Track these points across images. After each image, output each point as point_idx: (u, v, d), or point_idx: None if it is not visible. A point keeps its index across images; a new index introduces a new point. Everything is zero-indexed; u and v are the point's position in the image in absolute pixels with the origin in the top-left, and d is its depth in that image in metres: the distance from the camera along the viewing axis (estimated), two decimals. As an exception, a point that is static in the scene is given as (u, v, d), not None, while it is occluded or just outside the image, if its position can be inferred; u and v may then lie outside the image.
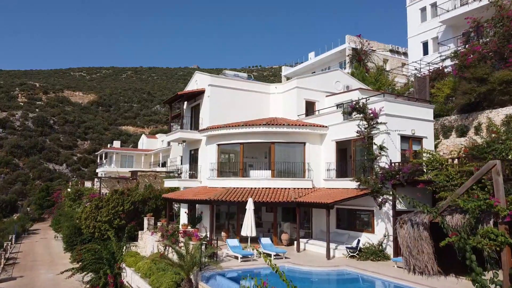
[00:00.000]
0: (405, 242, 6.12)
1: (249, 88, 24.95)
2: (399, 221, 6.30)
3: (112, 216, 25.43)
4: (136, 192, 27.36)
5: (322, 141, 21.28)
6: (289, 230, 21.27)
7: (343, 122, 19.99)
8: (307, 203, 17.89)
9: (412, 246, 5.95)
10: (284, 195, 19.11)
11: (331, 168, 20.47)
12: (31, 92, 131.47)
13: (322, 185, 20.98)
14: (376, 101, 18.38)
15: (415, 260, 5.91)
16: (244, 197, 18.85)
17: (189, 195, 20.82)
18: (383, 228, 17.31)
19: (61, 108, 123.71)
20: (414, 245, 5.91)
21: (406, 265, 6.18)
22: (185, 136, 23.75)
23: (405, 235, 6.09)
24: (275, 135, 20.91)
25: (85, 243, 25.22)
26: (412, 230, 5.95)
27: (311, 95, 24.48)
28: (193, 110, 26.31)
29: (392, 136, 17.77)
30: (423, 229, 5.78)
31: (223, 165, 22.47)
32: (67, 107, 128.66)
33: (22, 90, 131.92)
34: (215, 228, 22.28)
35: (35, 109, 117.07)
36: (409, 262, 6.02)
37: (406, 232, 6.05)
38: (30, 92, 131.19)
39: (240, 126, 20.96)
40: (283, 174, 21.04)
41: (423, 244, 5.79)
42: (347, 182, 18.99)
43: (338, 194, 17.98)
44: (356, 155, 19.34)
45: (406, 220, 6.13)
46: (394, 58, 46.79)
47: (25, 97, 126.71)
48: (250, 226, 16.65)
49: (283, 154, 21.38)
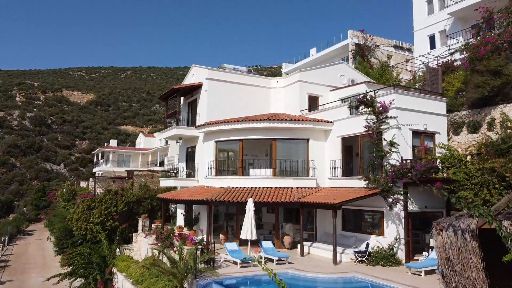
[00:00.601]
0: (444, 254, 4.84)
1: (249, 82, 23.66)
2: (436, 227, 4.99)
3: (104, 217, 24.14)
4: (130, 192, 26.07)
5: (326, 137, 19.99)
6: (291, 232, 19.99)
7: (350, 117, 18.70)
8: (312, 204, 16.60)
9: (455, 259, 4.67)
10: (286, 195, 17.83)
11: (336, 166, 19.17)
12: (29, 91, 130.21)
13: (326, 184, 19.69)
14: (385, 93, 17.09)
15: (459, 277, 4.64)
16: (244, 197, 17.57)
17: (185, 195, 19.54)
18: (394, 230, 16.01)
19: (59, 108, 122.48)
20: (457, 257, 4.64)
21: (445, 283, 4.87)
22: (181, 132, 22.46)
23: (444, 245, 4.80)
24: (276, 131, 19.62)
25: (77, 245, 23.99)
26: (455, 238, 4.69)
27: (314, 89, 23.19)
28: (190, 106, 25.03)
29: (403, 131, 16.47)
30: (471, 238, 4.52)
31: (221, 163, 21.18)
32: (65, 106, 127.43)
33: (20, 89, 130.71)
34: (212, 230, 20.99)
35: (33, 108, 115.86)
36: (450, 279, 4.74)
37: (446, 241, 4.77)
38: (28, 91, 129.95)
39: (239, 122, 19.68)
40: (285, 172, 19.75)
41: (471, 256, 4.52)
42: (354, 181, 17.70)
43: (345, 194, 16.69)
44: (364, 152, 18.05)
45: (446, 225, 4.83)
46: (398, 54, 45.44)
47: (23, 97, 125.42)
48: (250, 229, 15.36)
49: (285, 151, 20.09)
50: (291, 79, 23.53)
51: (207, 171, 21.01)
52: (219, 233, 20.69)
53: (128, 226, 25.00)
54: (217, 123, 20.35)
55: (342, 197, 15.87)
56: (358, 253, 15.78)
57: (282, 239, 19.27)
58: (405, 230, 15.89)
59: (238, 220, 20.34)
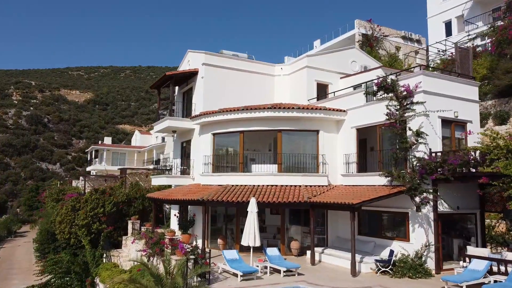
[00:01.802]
0: None
1: (250, 69, 21.26)
2: None
3: (90, 219, 21.74)
4: (119, 192, 23.67)
5: (339, 128, 17.59)
6: (299, 236, 17.59)
7: (366, 104, 16.29)
8: (325, 204, 14.18)
9: None
10: (294, 194, 15.43)
11: (350, 161, 16.76)
12: (27, 90, 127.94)
13: (339, 181, 17.29)
14: (410, 76, 14.70)
15: None
16: (245, 197, 15.18)
17: (178, 195, 17.14)
18: (422, 235, 13.60)
19: (56, 107, 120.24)
20: None
21: None
22: (174, 124, 20.03)
23: None
24: (282, 122, 17.22)
25: (59, 251, 21.61)
26: None
27: (323, 76, 20.79)
28: (185, 96, 22.63)
29: (431, 119, 14.07)
30: None
31: (219, 158, 18.76)
32: (63, 105, 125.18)
33: (17, 88, 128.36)
34: (209, 234, 18.59)
35: (29, 107, 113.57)
36: None
37: None
38: (26, 90, 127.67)
39: (239, 111, 17.27)
40: (292, 168, 17.34)
41: None
42: (373, 178, 15.29)
43: (364, 192, 14.28)
44: (383, 144, 15.64)
45: None
46: (407, 45, 42.93)
47: (20, 95, 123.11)
48: (253, 234, 12.96)
49: (292, 144, 17.67)
50: (297, 65, 21.14)
51: (203, 167, 18.62)
52: (217, 237, 18.31)
53: (117, 229, 22.63)
54: (214, 113, 17.95)
55: (362, 196, 13.45)
56: (380, 262, 13.37)
57: (288, 244, 16.89)
58: (435, 234, 13.51)
59: (238, 222, 17.95)
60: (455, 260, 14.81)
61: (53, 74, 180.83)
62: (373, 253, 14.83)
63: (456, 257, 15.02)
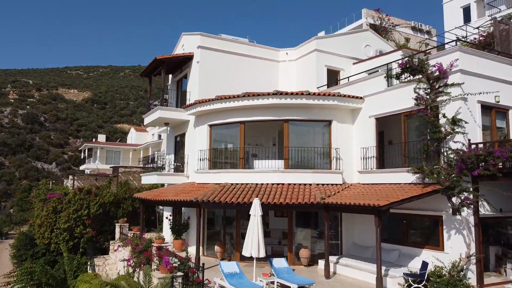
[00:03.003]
0: None
1: (252, 54, 18.97)
2: None
3: (73, 222, 19.44)
4: (107, 191, 21.33)
5: (354, 118, 15.28)
6: (308, 242, 15.26)
7: (388, 89, 13.98)
8: (342, 206, 11.84)
9: None
10: (304, 194, 13.11)
11: (369, 155, 14.44)
12: (24, 89, 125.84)
13: (355, 179, 14.98)
14: (443, 53, 12.37)
15: None
16: (246, 197, 12.88)
17: (169, 194, 14.82)
18: (460, 243, 11.28)
19: (53, 105, 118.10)
20: None
21: None
22: (166, 115, 17.72)
23: None
24: (289, 110, 14.90)
25: (38, 257, 19.28)
26: None
27: (334, 61, 18.50)
28: (179, 85, 20.33)
29: (469, 103, 11.76)
30: None
31: (217, 153, 16.44)
32: (60, 104, 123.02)
33: (14, 87, 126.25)
34: (206, 239, 16.30)
35: (25, 106, 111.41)
36: None
37: None
38: (23, 89, 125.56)
39: (240, 98, 14.96)
40: (300, 164, 15.02)
41: None
42: (397, 175, 12.98)
43: (389, 192, 11.96)
44: (409, 135, 13.33)
45: None
46: (416, 37, 40.65)
47: (17, 94, 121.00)
48: (257, 243, 10.63)
49: (300, 137, 15.33)
50: (305, 48, 18.81)
51: (198, 163, 16.32)
52: (214, 243, 16.01)
53: (103, 233, 20.32)
54: (211, 101, 15.64)
55: (388, 196, 11.12)
56: (410, 277, 11.02)
57: (297, 252, 14.58)
58: (476, 242, 11.18)
59: (238, 226, 15.64)
60: (491, 270, 12.58)
61: (52, 74, 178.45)
62: (398, 264, 12.52)
63: (492, 267, 12.79)
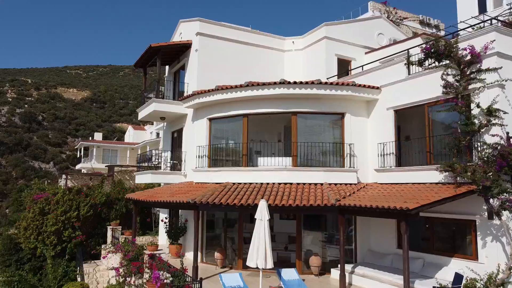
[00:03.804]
0: None
1: (255, 42, 17.48)
2: None
3: (61, 225, 17.93)
4: (98, 192, 19.82)
5: (369, 111, 13.77)
6: (318, 248, 13.74)
7: (409, 77, 12.46)
8: (361, 209, 10.30)
9: None
10: (316, 195, 11.59)
11: (387, 152, 12.92)
12: (22, 88, 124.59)
13: (370, 178, 13.46)
14: (476, 34, 10.86)
15: None
16: (251, 199, 11.37)
17: (164, 195, 13.30)
18: (498, 252, 9.77)
19: (52, 104, 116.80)
20: None
21: None
22: (162, 108, 16.20)
23: None
24: (297, 102, 13.39)
25: (24, 263, 17.77)
26: None
27: (345, 50, 17.00)
28: (176, 77, 18.83)
29: (508, 91, 10.25)
30: None
31: (217, 150, 14.93)
32: (59, 103, 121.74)
33: (12, 86, 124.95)
34: (204, 244, 14.79)
35: (23, 104, 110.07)
36: None
37: None
38: (21, 88, 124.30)
39: (243, 88, 13.46)
40: (309, 162, 13.51)
41: None
42: (421, 173, 11.46)
43: (415, 192, 10.44)
44: (434, 129, 11.82)
45: None
46: (425, 31, 39.21)
47: (15, 93, 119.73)
48: (264, 252, 9.12)
49: (310, 131, 13.81)
50: (313, 36, 17.31)
51: (197, 161, 14.81)
52: (214, 247, 14.51)
53: (94, 236, 18.83)
54: (210, 92, 14.13)
55: (418, 198, 9.59)
56: (442, 291, 9.51)
57: (306, 259, 13.06)
58: (517, 251, 9.66)
59: (241, 229, 14.12)
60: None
61: (51, 73, 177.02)
62: (423, 274, 11.00)
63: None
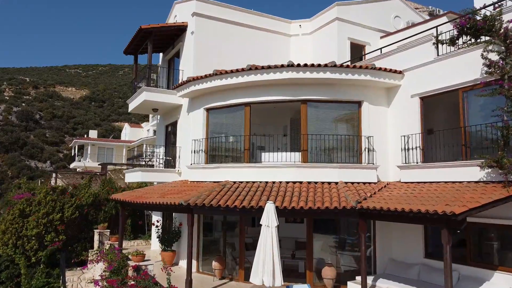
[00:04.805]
0: None
1: (258, 25, 15.71)
2: None
3: (43, 228, 16.19)
4: (85, 191, 18.06)
5: (390, 99, 12.01)
6: (330, 256, 11.98)
7: (439, 58, 10.68)
8: (390, 213, 8.50)
9: None
10: (331, 196, 9.82)
11: (411, 146, 11.15)
12: (20, 86, 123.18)
13: (391, 176, 11.71)
14: (524, 2, 9.12)
15: None
16: (254, 201, 9.61)
17: (153, 196, 11.53)
18: (557, 266, 8.01)
19: (50, 103, 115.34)
20: None
21: None
22: (154, 98, 14.42)
23: None
24: (307, 88, 11.63)
25: (1, 271, 16.01)
26: None
27: (358, 33, 15.24)
28: (171, 65, 17.08)
29: None
30: None
31: (215, 144, 13.16)
32: (57, 102, 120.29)
33: (10, 84, 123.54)
34: (201, 252, 13.02)
35: (21, 103, 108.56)
36: None
37: None
38: (19, 86, 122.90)
39: (245, 72, 11.70)
40: (321, 157, 11.75)
41: None
42: (455, 170, 9.69)
43: (453, 193, 8.66)
44: (468, 118, 10.05)
45: None
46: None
47: (13, 92, 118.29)
48: (272, 266, 7.35)
49: (321, 122, 12.04)
50: (323, 18, 15.54)
51: (192, 157, 13.04)
52: (211, 255, 12.75)
53: (80, 241, 17.08)
54: (208, 77, 12.36)
55: (462, 200, 7.80)
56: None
57: (318, 270, 11.29)
58: None
59: (243, 233, 12.35)
60: None
61: (50, 72, 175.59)
62: (459, 291, 9.23)
63: None
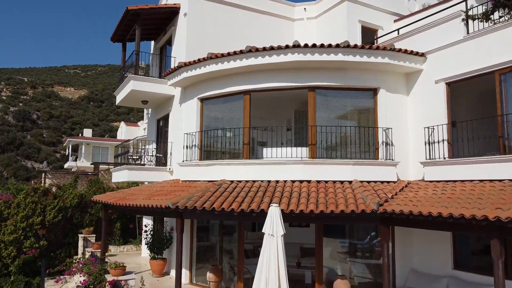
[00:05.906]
0: None
1: (258, 8, 14.20)
2: None
3: (22, 232, 14.66)
4: (69, 193, 16.54)
5: (410, 86, 10.50)
6: (344, 266, 10.47)
7: (468, 37, 9.16)
8: (422, 218, 6.95)
9: None
10: (346, 198, 8.29)
11: (437, 139, 9.64)
12: (18, 86, 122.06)
13: (411, 174, 10.20)
14: None
15: None
16: (255, 202, 8.09)
17: (139, 197, 10.01)
18: None
19: (47, 103, 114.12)
20: None
21: None
22: (142, 87, 12.87)
23: None
24: (316, 73, 10.11)
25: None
26: None
27: (370, 16, 13.73)
28: (163, 53, 15.57)
29: None
30: None
31: (210, 138, 11.62)
32: (55, 102, 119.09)
33: (8, 84, 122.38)
34: (194, 261, 11.50)
35: (18, 103, 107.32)
36: None
37: None
38: (17, 86, 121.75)
39: (243, 54, 10.18)
40: (332, 153, 10.24)
41: None
42: (490, 167, 8.17)
43: (498, 194, 7.16)
44: (507, 105, 8.54)
45: None
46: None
47: (10, 91, 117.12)
48: (277, 282, 5.85)
49: (332, 112, 10.52)
50: (330, 0, 14.03)
51: (185, 152, 11.53)
52: (206, 263, 11.25)
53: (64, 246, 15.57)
54: (202, 62, 10.84)
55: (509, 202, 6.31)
56: None
57: (329, 283, 9.77)
58: None
59: (242, 238, 10.78)
60: None
61: (49, 72, 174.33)
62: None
63: None
